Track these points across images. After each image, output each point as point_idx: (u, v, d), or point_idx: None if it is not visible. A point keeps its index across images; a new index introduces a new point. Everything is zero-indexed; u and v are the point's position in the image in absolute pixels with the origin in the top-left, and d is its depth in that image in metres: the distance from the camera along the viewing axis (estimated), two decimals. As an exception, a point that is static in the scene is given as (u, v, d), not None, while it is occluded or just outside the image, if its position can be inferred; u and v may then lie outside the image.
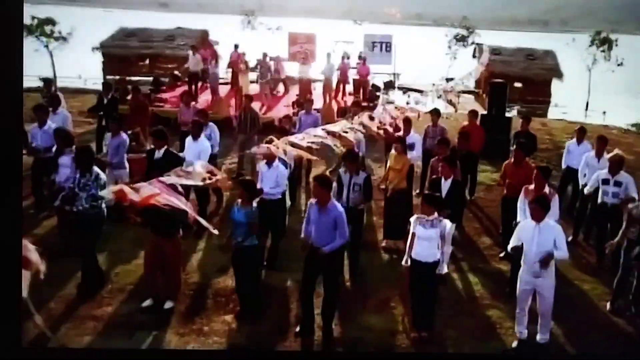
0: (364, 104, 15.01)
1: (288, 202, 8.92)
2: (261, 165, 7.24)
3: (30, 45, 22.39)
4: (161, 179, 4.19)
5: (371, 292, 6.80)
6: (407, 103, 14.58)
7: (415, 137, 9.04)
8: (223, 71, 19.01)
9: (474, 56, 24.35)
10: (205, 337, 5.76)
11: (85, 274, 6.51)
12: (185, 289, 6.65)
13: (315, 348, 5.66)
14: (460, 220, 8.89)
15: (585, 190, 7.91)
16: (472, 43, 25.55)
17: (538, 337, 5.73)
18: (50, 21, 23.05)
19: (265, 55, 16.99)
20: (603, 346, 5.93)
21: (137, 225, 6.72)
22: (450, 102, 16.83)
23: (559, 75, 22.11)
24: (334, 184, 6.71)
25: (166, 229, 5.99)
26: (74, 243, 6.71)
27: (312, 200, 5.72)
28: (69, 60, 23.76)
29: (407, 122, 9.18)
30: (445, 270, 5.69)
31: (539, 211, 5.40)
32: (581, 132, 9.33)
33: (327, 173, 8.61)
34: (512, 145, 9.13)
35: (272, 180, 7.04)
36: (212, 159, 8.99)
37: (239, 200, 5.99)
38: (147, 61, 24.95)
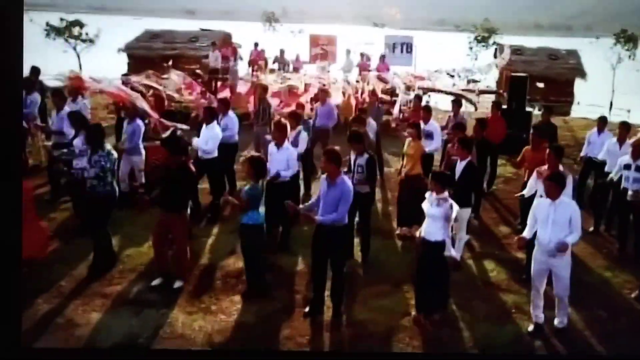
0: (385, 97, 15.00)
1: (302, 191, 8.88)
2: (270, 147, 7.16)
3: (59, 46, 22.93)
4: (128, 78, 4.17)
5: (384, 276, 6.68)
6: (427, 102, 14.47)
7: (434, 125, 8.80)
8: (244, 71, 19.14)
9: (495, 57, 24.00)
10: (213, 316, 5.71)
11: (97, 253, 6.53)
12: (196, 270, 6.64)
13: (324, 328, 5.56)
14: (477, 210, 8.77)
15: (613, 177, 7.69)
16: (494, 44, 25.22)
17: (556, 321, 5.54)
18: (78, 23, 23.55)
19: (282, 51, 17.04)
20: (625, 332, 5.70)
21: (147, 205, 6.75)
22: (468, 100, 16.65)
23: (582, 74, 21.57)
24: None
25: (173, 205, 6.01)
26: (88, 223, 6.77)
27: (324, 175, 5.65)
28: (95, 61, 24.17)
29: (427, 110, 9.03)
30: (454, 253, 5.51)
31: (554, 188, 5.23)
32: (602, 122, 9.08)
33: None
34: None
35: (282, 161, 6.96)
36: (233, 149, 8.96)
37: (248, 179, 5.97)
38: (171, 62, 25.20)
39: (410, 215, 7.83)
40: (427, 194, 5.71)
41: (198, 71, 19.75)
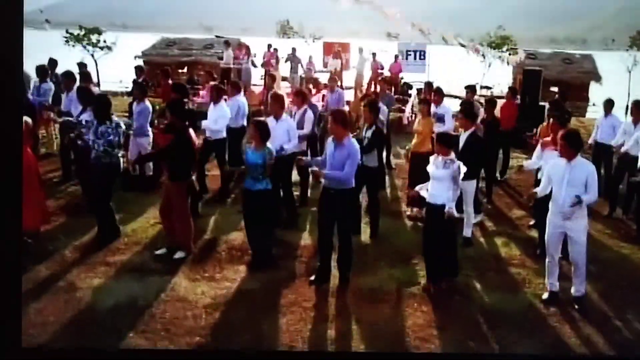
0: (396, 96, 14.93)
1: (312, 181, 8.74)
2: (269, 121, 6.99)
3: (78, 53, 23.32)
4: None
5: (393, 251, 6.53)
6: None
7: (446, 108, 8.66)
8: (258, 76, 19.24)
9: (508, 62, 23.78)
10: (217, 283, 5.59)
11: (101, 227, 6.47)
12: (201, 243, 6.55)
13: (329, 294, 5.41)
14: (490, 196, 8.59)
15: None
16: (507, 50, 24.98)
17: (573, 290, 5.31)
18: (97, 31, 23.92)
19: (294, 50, 17.10)
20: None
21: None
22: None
23: (597, 78, 21.32)
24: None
25: (171, 173, 5.98)
26: (92, 195, 6.73)
27: (330, 138, 5.53)
28: (112, 67, 24.51)
29: (439, 92, 8.90)
30: (453, 210, 5.32)
31: (567, 148, 5.04)
32: (609, 104, 8.88)
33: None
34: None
35: (283, 134, 6.78)
36: (240, 133, 8.74)
37: (252, 143, 5.87)
38: (186, 69, 25.45)
39: (420, 195, 7.67)
40: (431, 158, 5.58)
41: (210, 71, 19.86)
